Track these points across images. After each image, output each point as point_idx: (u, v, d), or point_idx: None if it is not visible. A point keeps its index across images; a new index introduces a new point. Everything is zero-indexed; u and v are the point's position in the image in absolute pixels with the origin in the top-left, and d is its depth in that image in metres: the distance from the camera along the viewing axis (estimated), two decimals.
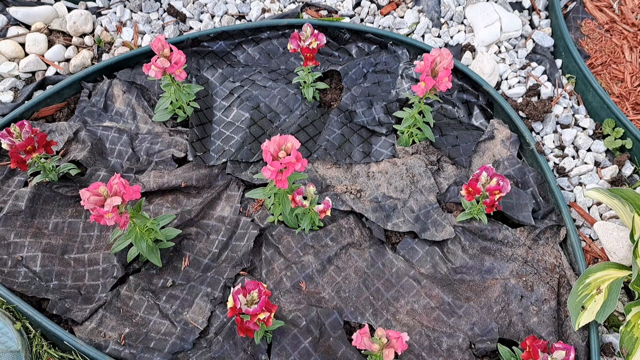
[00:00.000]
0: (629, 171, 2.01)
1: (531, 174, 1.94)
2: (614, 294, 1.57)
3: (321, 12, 2.43)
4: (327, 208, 1.68)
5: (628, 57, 2.31)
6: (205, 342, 1.59)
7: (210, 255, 1.78)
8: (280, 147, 1.51)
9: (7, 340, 1.52)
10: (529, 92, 2.19)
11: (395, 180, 1.91)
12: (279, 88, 2.11)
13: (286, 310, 1.65)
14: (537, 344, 1.43)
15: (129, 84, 2.12)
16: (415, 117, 1.91)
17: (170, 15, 2.37)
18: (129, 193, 1.46)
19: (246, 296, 1.39)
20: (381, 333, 1.36)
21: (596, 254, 1.83)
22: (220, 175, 1.94)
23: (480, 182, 1.66)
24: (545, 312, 1.68)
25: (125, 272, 1.73)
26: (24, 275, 1.68)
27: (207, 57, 2.22)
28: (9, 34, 2.25)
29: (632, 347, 1.56)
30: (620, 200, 1.73)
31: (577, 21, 2.44)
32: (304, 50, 1.92)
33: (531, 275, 1.75)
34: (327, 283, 1.72)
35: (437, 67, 1.74)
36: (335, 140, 2.00)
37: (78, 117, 2.06)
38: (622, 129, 2.03)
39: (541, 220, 1.85)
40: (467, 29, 2.39)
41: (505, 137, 2.01)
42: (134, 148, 1.99)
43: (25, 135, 1.68)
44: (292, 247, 1.77)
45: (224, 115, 2.07)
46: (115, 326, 1.61)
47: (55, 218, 1.82)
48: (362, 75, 2.18)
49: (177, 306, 1.65)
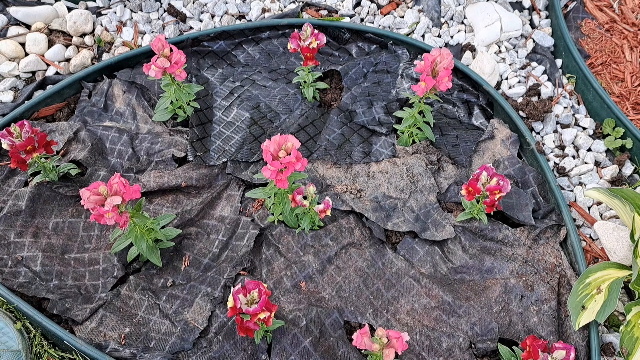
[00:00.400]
0: (629, 171, 2.01)
1: (531, 173, 1.94)
2: (614, 294, 1.57)
3: (321, 12, 2.43)
4: (327, 208, 1.68)
5: (628, 56, 2.31)
6: (206, 342, 1.59)
7: (210, 255, 1.78)
8: (280, 146, 1.51)
9: (7, 340, 1.53)
10: (529, 91, 2.19)
11: (395, 180, 1.91)
12: (279, 88, 2.11)
13: (286, 310, 1.65)
14: (537, 344, 1.43)
15: (129, 83, 2.12)
16: (416, 117, 1.91)
17: (170, 15, 2.37)
18: (129, 193, 1.46)
19: (246, 296, 1.39)
20: (381, 333, 1.35)
21: (596, 253, 1.83)
22: (220, 175, 1.94)
23: (480, 181, 1.66)
24: (545, 311, 1.68)
25: (125, 272, 1.73)
26: (24, 275, 1.68)
27: (207, 57, 2.22)
28: (9, 33, 2.25)
29: (632, 347, 1.56)
30: (620, 200, 1.73)
31: (577, 21, 2.44)
32: (304, 50, 1.92)
33: (531, 275, 1.75)
34: (327, 283, 1.72)
35: (437, 66, 1.74)
36: (336, 140, 2.00)
37: (78, 117, 2.06)
38: (622, 129, 2.03)
39: (541, 220, 1.85)
40: (467, 28, 2.39)
41: (506, 137, 2.01)
42: (134, 148, 1.99)
43: (25, 135, 1.68)
44: (292, 247, 1.77)
45: (224, 115, 2.07)
46: (116, 326, 1.61)
47: (55, 218, 1.82)
48: (362, 75, 2.18)
49: (178, 306, 1.65)
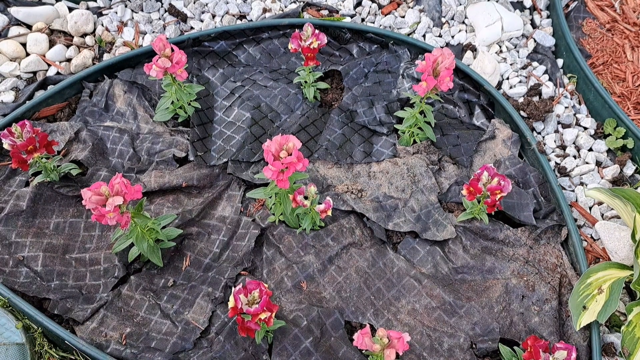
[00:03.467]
0: (631, 171, 2.00)
1: (532, 173, 1.94)
2: (615, 294, 1.57)
3: (322, 12, 2.43)
4: (328, 208, 1.68)
5: (629, 56, 2.31)
6: (207, 342, 1.59)
7: (211, 255, 1.78)
8: (281, 147, 1.50)
9: (11, 335, 1.55)
10: (530, 91, 2.18)
11: (396, 180, 1.91)
12: (280, 88, 2.11)
13: (287, 310, 1.65)
14: (538, 344, 1.43)
15: (130, 83, 2.12)
16: (417, 117, 1.91)
17: (171, 15, 2.37)
18: (130, 193, 1.46)
19: (247, 296, 1.39)
20: (382, 333, 1.35)
21: (598, 253, 1.83)
22: (221, 175, 1.94)
23: (481, 181, 1.66)
24: (546, 312, 1.68)
25: (126, 272, 1.73)
26: (25, 275, 1.68)
27: (208, 57, 2.22)
28: (10, 34, 2.25)
29: (633, 347, 1.56)
30: (621, 200, 1.73)
31: (579, 20, 2.44)
32: (305, 50, 1.91)
33: (532, 275, 1.75)
34: (328, 283, 1.72)
35: (438, 66, 1.74)
36: (336, 140, 2.00)
37: (79, 117, 2.06)
38: (623, 129, 2.02)
39: (542, 220, 1.84)
40: (468, 28, 2.39)
41: (507, 137, 2.00)
42: (135, 148, 1.99)
43: (26, 135, 1.68)
44: (293, 247, 1.77)
45: (225, 115, 2.07)
46: (117, 326, 1.61)
47: (56, 218, 1.82)
48: (363, 75, 2.18)
49: (178, 306, 1.65)
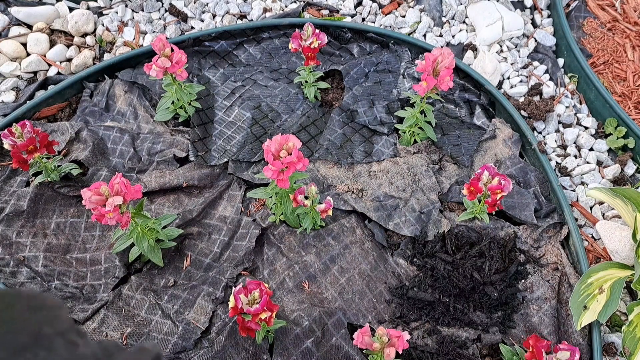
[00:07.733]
0: (632, 170, 2.00)
1: (533, 173, 1.94)
2: (616, 294, 1.57)
3: (322, 12, 2.43)
4: (328, 207, 1.68)
5: (630, 56, 2.30)
6: (207, 342, 1.59)
7: (211, 255, 1.78)
8: (281, 146, 1.50)
9: None
10: (531, 91, 2.18)
11: (396, 180, 1.91)
12: (281, 87, 2.11)
13: (289, 310, 1.65)
14: (540, 344, 1.43)
15: (131, 83, 2.12)
16: (417, 117, 1.91)
17: (171, 14, 2.37)
18: (130, 193, 1.46)
19: (247, 296, 1.39)
20: (382, 332, 1.35)
21: (598, 253, 1.83)
22: (221, 175, 1.94)
23: (482, 181, 1.66)
24: (545, 311, 1.67)
25: (127, 272, 1.73)
26: (26, 275, 1.68)
27: (209, 57, 2.22)
28: (11, 34, 2.25)
29: (634, 347, 1.55)
30: (622, 200, 1.73)
31: (580, 20, 2.44)
32: (305, 50, 1.91)
33: (532, 274, 1.74)
34: (329, 283, 1.72)
35: (438, 66, 1.74)
36: (337, 139, 2.00)
37: (80, 117, 2.06)
38: (624, 128, 2.02)
39: (543, 219, 1.84)
40: (469, 28, 2.39)
41: (507, 137, 2.00)
42: (135, 148, 1.99)
43: (27, 135, 1.68)
44: (294, 247, 1.77)
45: (226, 114, 2.07)
46: (117, 326, 1.61)
47: (57, 218, 1.82)
48: (364, 75, 2.18)
49: (179, 306, 1.65)
